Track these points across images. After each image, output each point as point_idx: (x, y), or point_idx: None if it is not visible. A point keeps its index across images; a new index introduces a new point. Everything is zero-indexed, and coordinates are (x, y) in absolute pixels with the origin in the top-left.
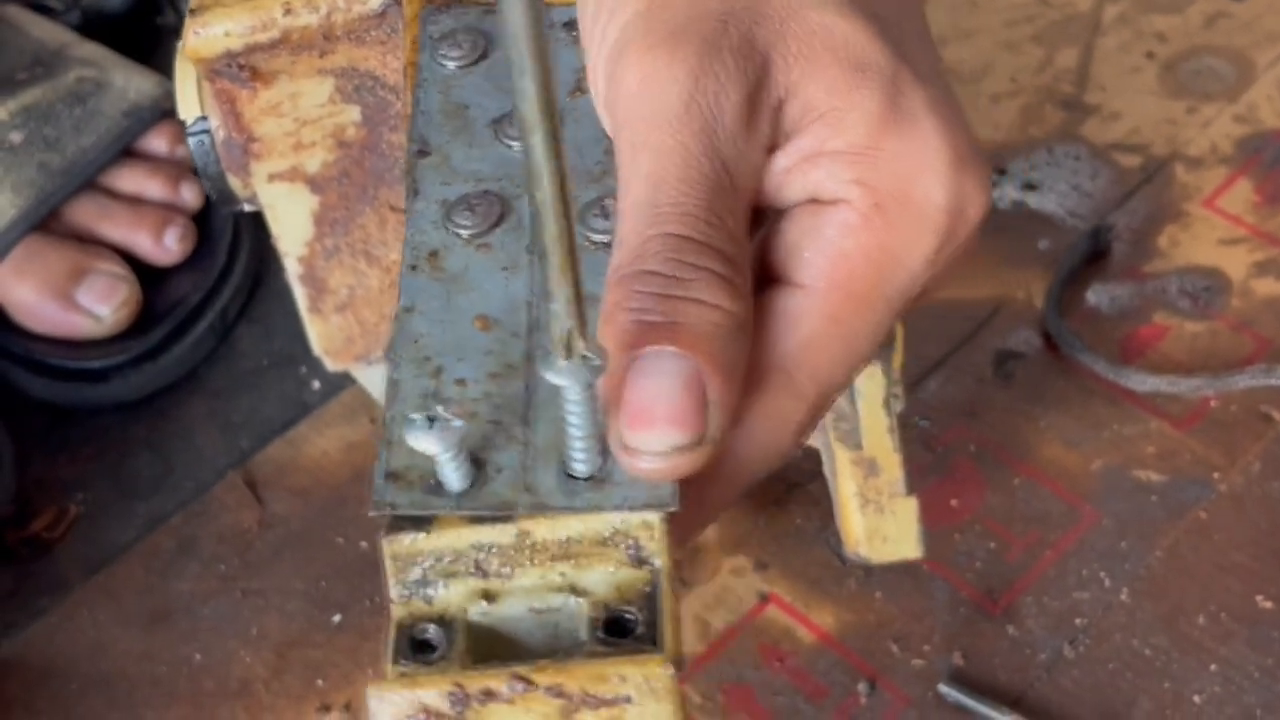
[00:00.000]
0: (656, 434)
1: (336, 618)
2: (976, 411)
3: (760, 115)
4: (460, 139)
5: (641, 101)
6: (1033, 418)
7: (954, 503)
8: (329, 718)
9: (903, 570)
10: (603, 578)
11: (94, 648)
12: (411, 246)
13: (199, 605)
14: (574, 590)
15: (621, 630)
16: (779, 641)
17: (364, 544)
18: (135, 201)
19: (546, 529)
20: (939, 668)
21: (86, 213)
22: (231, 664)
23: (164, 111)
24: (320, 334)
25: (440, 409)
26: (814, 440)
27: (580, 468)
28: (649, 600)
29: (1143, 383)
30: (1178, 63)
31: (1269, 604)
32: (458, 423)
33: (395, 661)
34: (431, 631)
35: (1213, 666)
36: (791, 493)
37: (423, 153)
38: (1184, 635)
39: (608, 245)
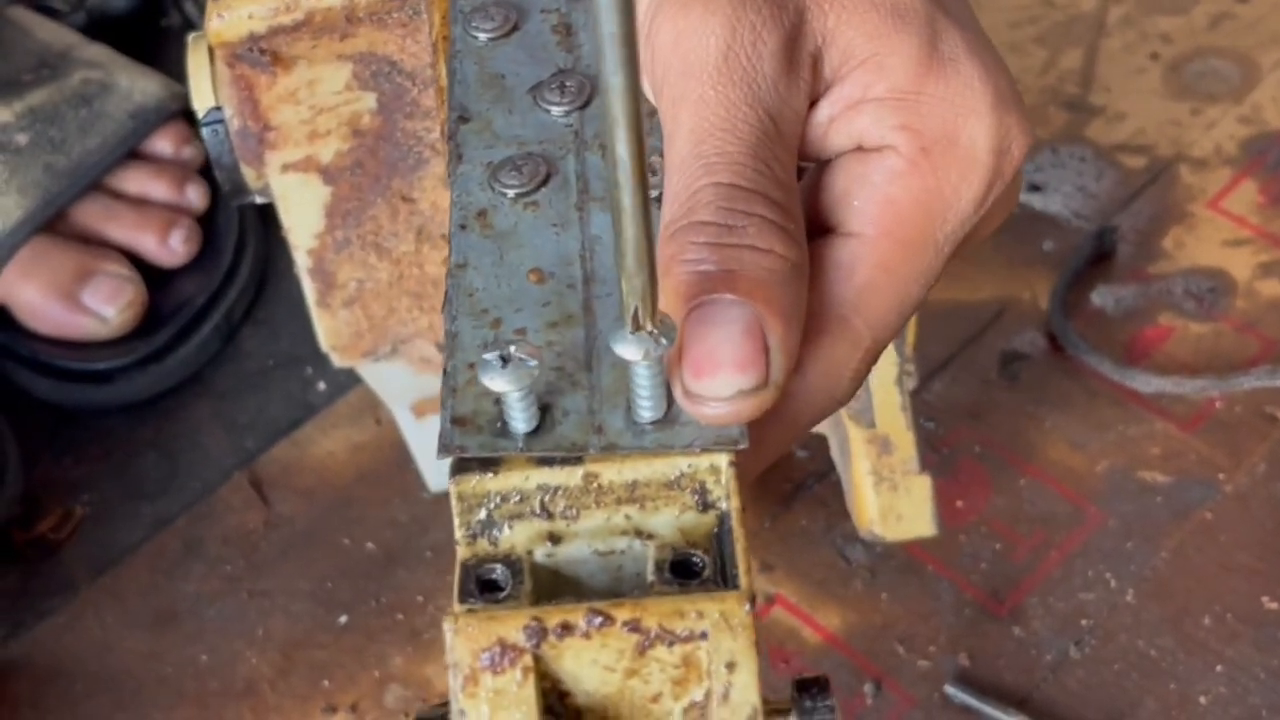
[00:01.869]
0: (721, 380)
1: (342, 618)
2: (981, 412)
3: (799, 62)
4: (500, 106)
5: (679, 57)
6: (1038, 419)
7: (959, 504)
8: (335, 718)
9: (908, 571)
10: (669, 520)
11: (100, 648)
12: (459, 207)
13: (205, 606)
14: (639, 533)
15: (688, 572)
16: (785, 642)
17: (370, 544)
18: (140, 203)
19: (614, 471)
20: (944, 668)
21: (92, 214)
22: (237, 664)
23: (169, 113)
24: (328, 329)
25: (513, 349)
26: (821, 425)
27: (646, 414)
28: (715, 543)
29: (1148, 384)
30: (1182, 64)
31: (1274, 605)
32: (532, 361)
33: (463, 600)
34: (498, 571)
35: (1218, 667)
36: (797, 494)
37: (464, 119)
38: (1189, 636)
39: (656, 200)
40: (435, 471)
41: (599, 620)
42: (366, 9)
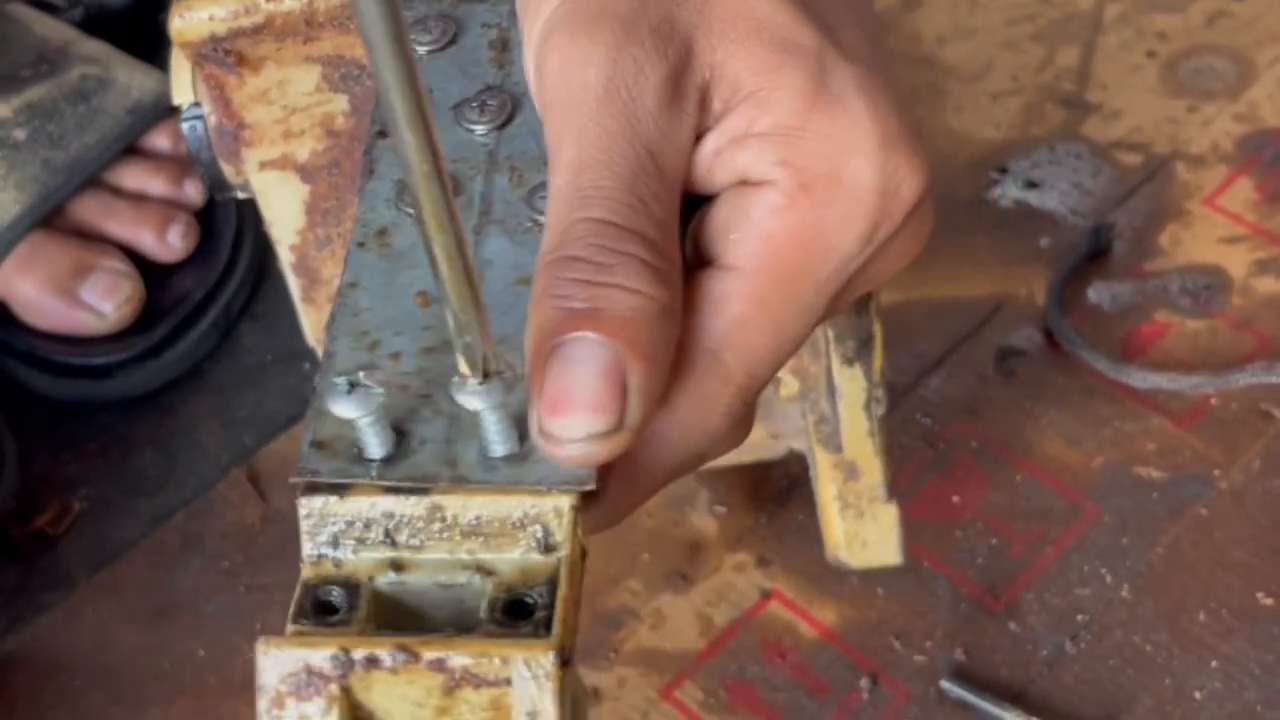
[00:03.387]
0: (574, 420)
1: None
2: (978, 408)
3: (684, 96)
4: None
5: (563, 86)
6: (1034, 415)
7: (955, 499)
8: None
9: (904, 567)
10: (510, 560)
11: (98, 643)
12: (362, 224)
13: (203, 601)
14: (481, 569)
15: (522, 613)
16: (781, 638)
17: None
18: (139, 198)
19: (459, 505)
20: (941, 664)
21: (90, 210)
22: (235, 659)
23: (167, 109)
24: (314, 324)
25: (362, 375)
26: (800, 444)
27: (498, 449)
28: (552, 586)
29: (1144, 380)
30: (1179, 61)
31: (1269, 601)
32: (378, 390)
33: (295, 620)
34: (335, 594)
35: (1213, 663)
36: (794, 490)
37: (383, 134)
38: (1185, 632)
39: (540, 227)
40: None
41: (404, 657)
42: (326, 14)
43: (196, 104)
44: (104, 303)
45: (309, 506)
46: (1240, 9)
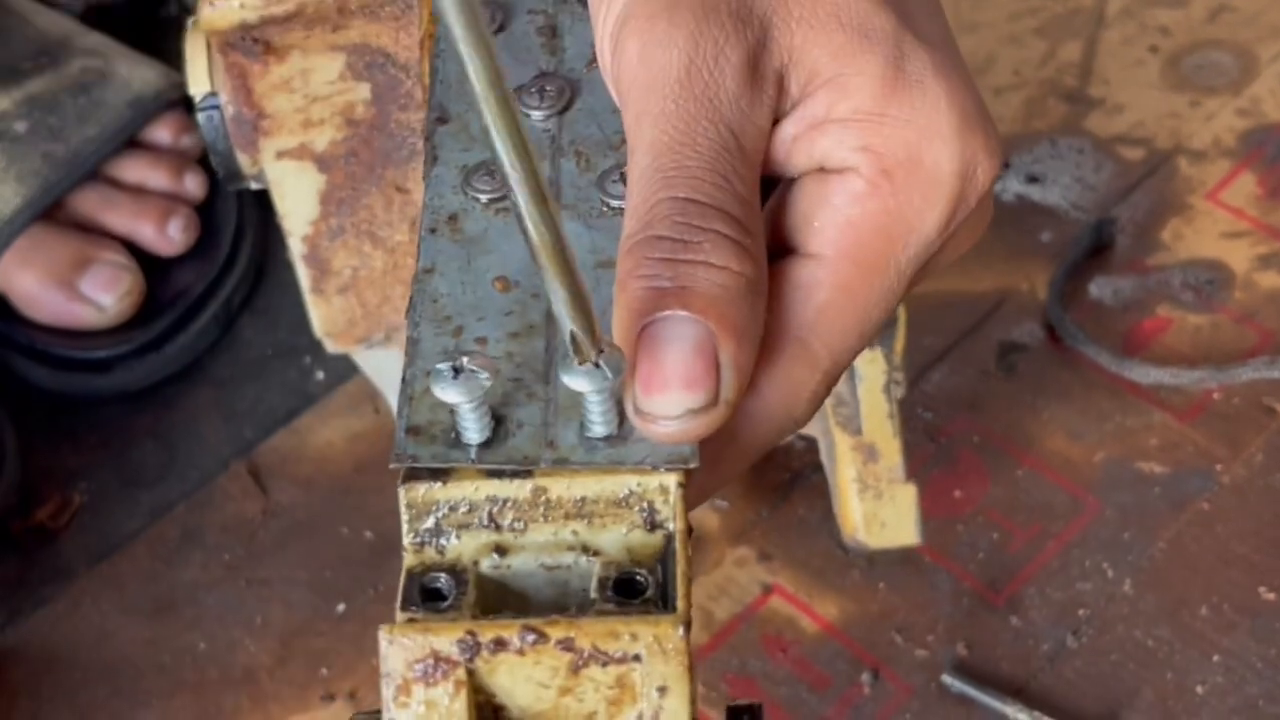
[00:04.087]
0: (670, 398)
1: (340, 607)
2: (979, 403)
3: (763, 79)
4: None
5: (642, 70)
6: (1036, 409)
7: (957, 494)
8: (333, 706)
9: (906, 561)
10: (615, 538)
11: (99, 636)
12: (431, 210)
13: (203, 594)
14: (586, 549)
15: (632, 591)
16: (782, 632)
17: (368, 533)
18: (139, 191)
19: (563, 486)
20: (942, 658)
21: (90, 202)
22: (236, 653)
23: (168, 102)
24: (322, 316)
25: (465, 360)
26: (811, 428)
27: (599, 429)
28: (660, 563)
29: (1145, 375)
30: (1181, 56)
31: (1271, 595)
32: (484, 374)
33: (404, 608)
34: (442, 580)
35: (1215, 657)
36: (795, 484)
37: (442, 120)
38: (1186, 626)
39: (620, 211)
40: None
41: (532, 637)
42: (358, 1)
43: (213, 94)
44: (104, 296)
45: (410, 493)
46: (1243, 4)
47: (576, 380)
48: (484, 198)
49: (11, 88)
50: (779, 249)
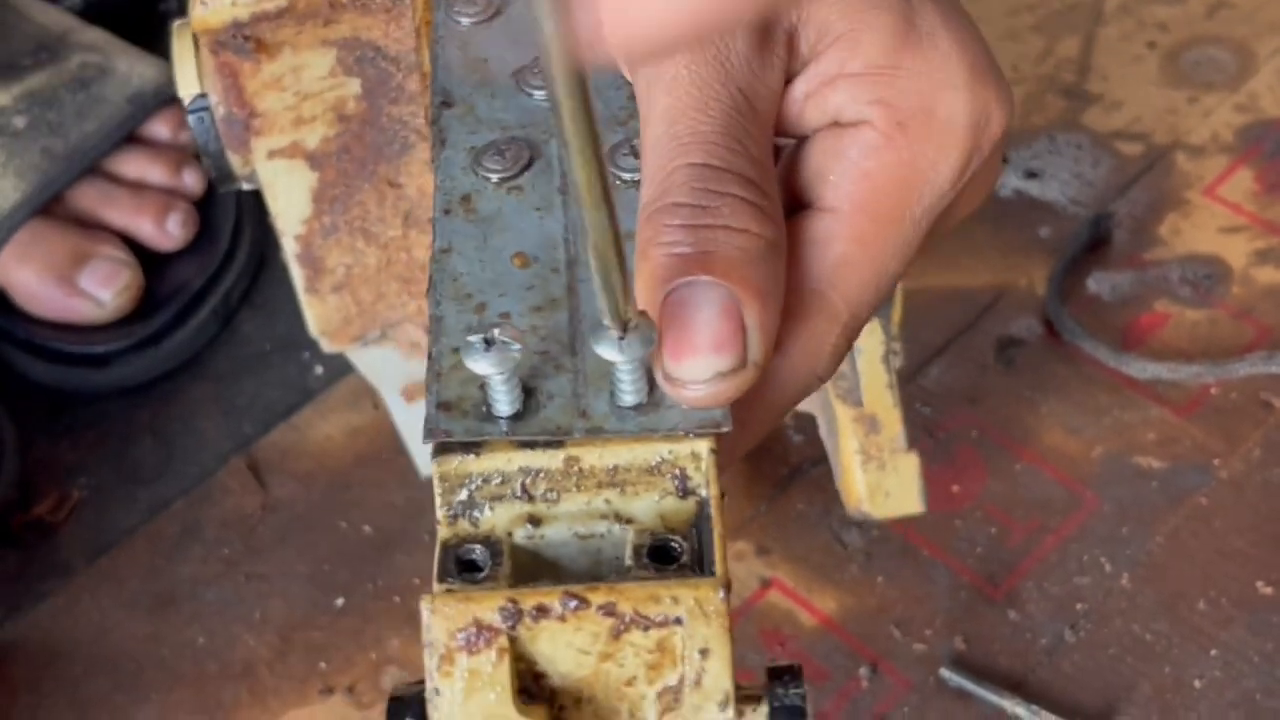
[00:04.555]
0: (699, 362)
1: (339, 601)
2: (978, 398)
3: (773, 40)
4: (483, 91)
5: None
6: (1034, 404)
7: (955, 488)
8: (332, 700)
9: (904, 555)
10: (648, 506)
11: (98, 631)
12: (443, 192)
13: (202, 589)
14: (619, 518)
15: (666, 557)
16: (781, 626)
17: (367, 528)
18: (138, 187)
19: (595, 455)
20: (940, 652)
21: (89, 198)
22: (235, 647)
23: (167, 98)
24: (317, 315)
25: (496, 332)
26: (810, 405)
27: (629, 398)
28: (694, 529)
29: (1143, 370)
30: (1179, 52)
31: (1269, 590)
32: (515, 345)
33: (441, 580)
34: (478, 552)
35: (1213, 651)
36: (793, 478)
37: (446, 104)
38: (1184, 620)
39: (638, 182)
40: (426, 455)
41: (574, 603)
42: None
43: (202, 95)
44: (102, 291)
45: (443, 466)
46: (1240, 0)
47: (608, 350)
48: (494, 177)
49: (11, 83)
50: (795, 206)
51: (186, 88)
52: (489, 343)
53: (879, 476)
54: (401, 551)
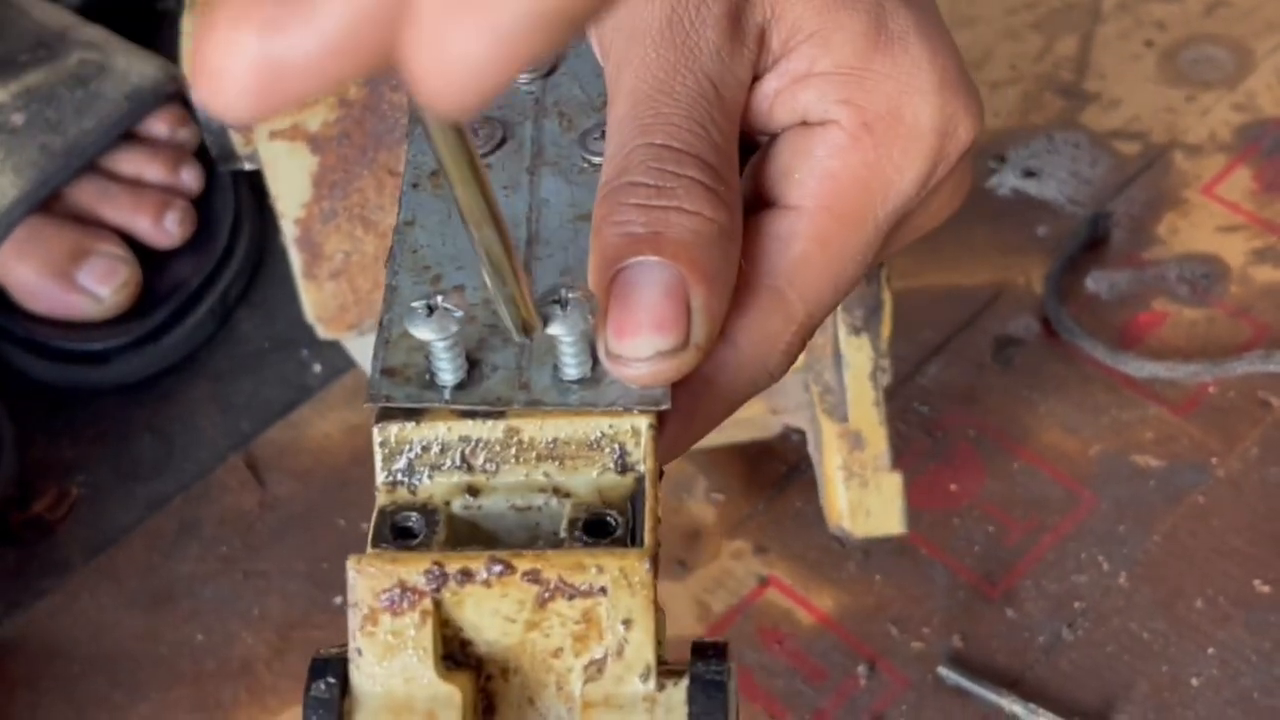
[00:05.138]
0: (641, 340)
1: (338, 599)
2: (976, 397)
3: (745, 33)
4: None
5: (625, 20)
6: (1032, 403)
7: (953, 487)
8: None
9: (902, 553)
10: (587, 480)
11: (96, 628)
12: (413, 166)
13: (200, 587)
14: (557, 491)
15: (602, 531)
16: (778, 624)
17: (365, 526)
18: (136, 184)
19: (535, 428)
20: (938, 650)
21: (87, 195)
22: (233, 645)
23: (166, 95)
24: (314, 301)
25: (440, 299)
26: (799, 419)
27: (572, 372)
28: (631, 506)
29: (1141, 369)
30: (1177, 51)
31: (1266, 588)
32: (458, 312)
33: (375, 545)
34: (414, 519)
35: (1210, 650)
36: (791, 477)
37: None
38: (1182, 619)
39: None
40: None
41: (499, 569)
42: None
43: None
44: (100, 288)
45: (384, 432)
46: None
47: (553, 325)
48: None
49: (9, 80)
50: (759, 203)
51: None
52: (431, 309)
53: (861, 494)
54: None
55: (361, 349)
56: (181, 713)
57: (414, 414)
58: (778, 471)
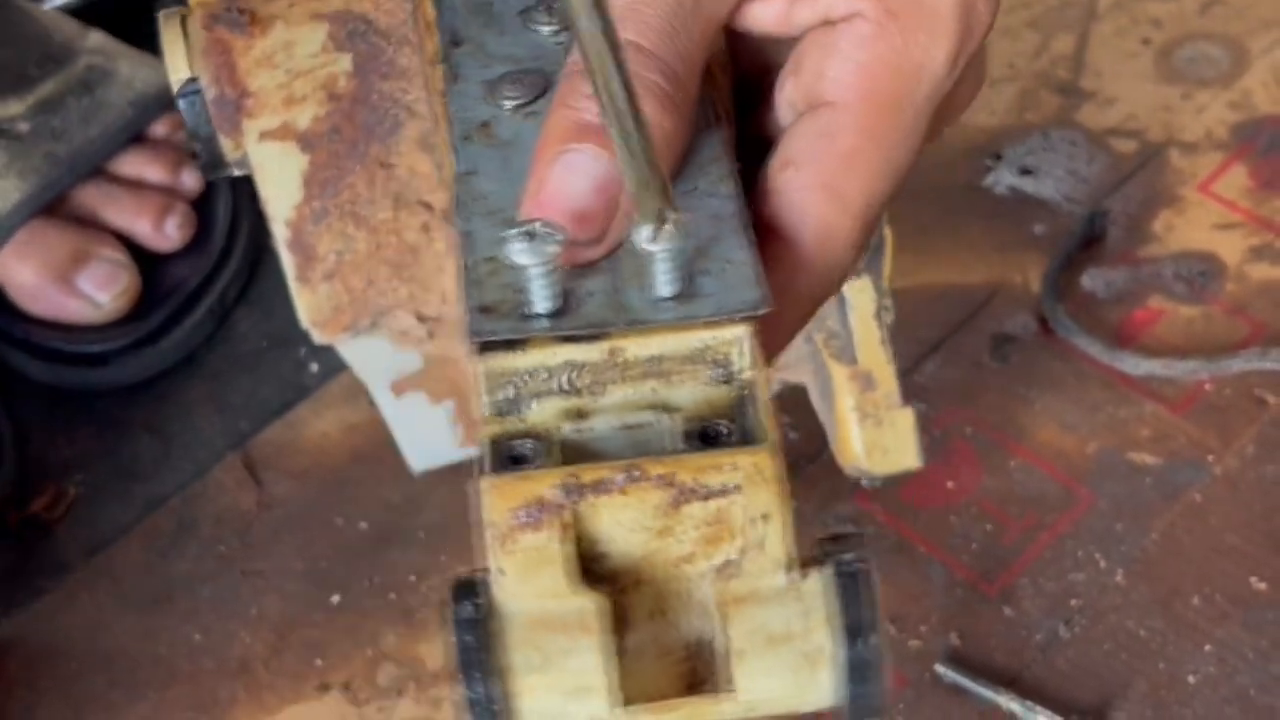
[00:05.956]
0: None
1: (335, 598)
2: (973, 394)
3: None
4: (491, 30)
5: None
6: (1029, 401)
7: (950, 485)
8: (328, 696)
9: (899, 552)
10: (692, 393)
11: (94, 627)
12: (461, 122)
13: (198, 586)
14: (664, 407)
15: (713, 441)
16: None
17: (363, 524)
18: (137, 186)
19: (637, 345)
20: (935, 648)
21: (89, 196)
22: (231, 644)
23: (170, 101)
24: (308, 305)
25: (538, 224)
26: (799, 373)
27: (666, 289)
28: (739, 413)
29: (1138, 366)
30: (1173, 49)
31: (1263, 586)
32: (557, 236)
33: (491, 473)
34: (528, 446)
35: (1207, 647)
36: (789, 476)
37: (455, 43)
38: (1179, 616)
39: None
40: (416, 452)
41: (634, 474)
42: None
43: (193, 79)
44: (100, 294)
45: (488, 364)
46: None
47: (646, 242)
48: (509, 104)
49: (24, 94)
50: (801, 106)
51: (177, 72)
52: (531, 235)
53: (876, 433)
54: (397, 548)
55: (356, 353)
56: (179, 711)
57: (516, 344)
58: None
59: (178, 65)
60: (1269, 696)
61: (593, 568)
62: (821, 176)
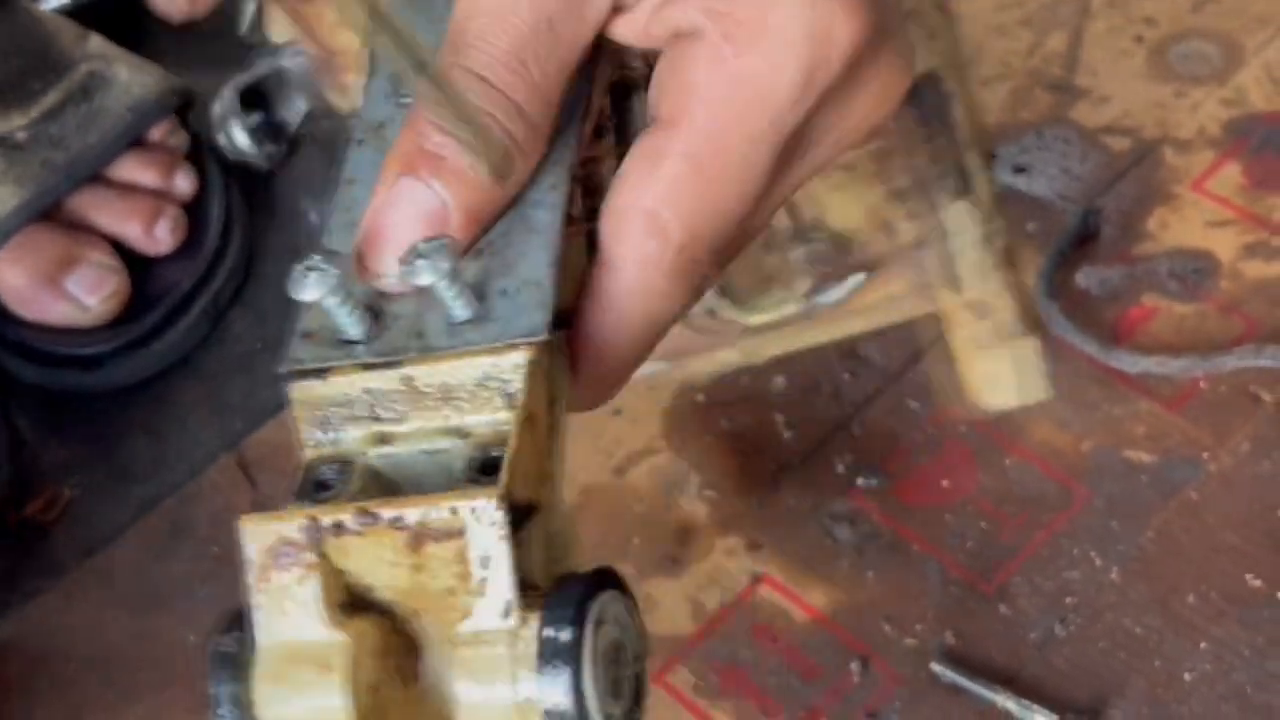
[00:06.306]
0: (388, 258)
1: None
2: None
3: None
4: (422, 15)
5: None
6: None
7: (945, 483)
8: None
9: (895, 550)
10: (485, 420)
11: (90, 629)
12: (363, 121)
13: (194, 587)
14: (459, 433)
15: (492, 470)
16: (772, 621)
17: None
18: (129, 190)
19: (427, 373)
20: (931, 647)
21: (81, 201)
22: None
23: (168, 108)
24: None
25: (319, 259)
26: (926, 307)
27: (461, 314)
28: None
29: (1133, 364)
30: (1167, 46)
31: (1259, 583)
32: (334, 271)
33: (297, 499)
34: (329, 472)
35: (1203, 645)
36: (784, 475)
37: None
38: (1175, 614)
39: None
40: None
41: (365, 519)
42: None
43: (296, 41)
44: (88, 297)
45: (298, 393)
46: None
47: (419, 276)
48: (407, 102)
49: (28, 108)
50: (646, 121)
51: (279, 35)
52: (310, 270)
53: (994, 366)
54: None
55: None
56: (175, 713)
57: (321, 372)
58: (770, 469)
59: (280, 28)
60: (1265, 694)
61: (369, 597)
62: (642, 201)
